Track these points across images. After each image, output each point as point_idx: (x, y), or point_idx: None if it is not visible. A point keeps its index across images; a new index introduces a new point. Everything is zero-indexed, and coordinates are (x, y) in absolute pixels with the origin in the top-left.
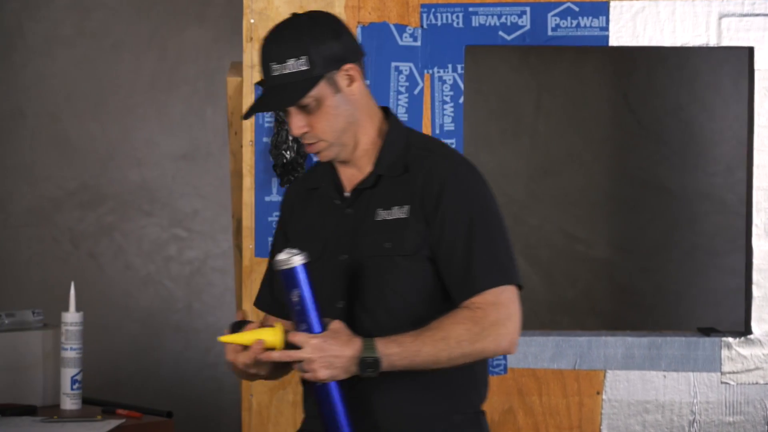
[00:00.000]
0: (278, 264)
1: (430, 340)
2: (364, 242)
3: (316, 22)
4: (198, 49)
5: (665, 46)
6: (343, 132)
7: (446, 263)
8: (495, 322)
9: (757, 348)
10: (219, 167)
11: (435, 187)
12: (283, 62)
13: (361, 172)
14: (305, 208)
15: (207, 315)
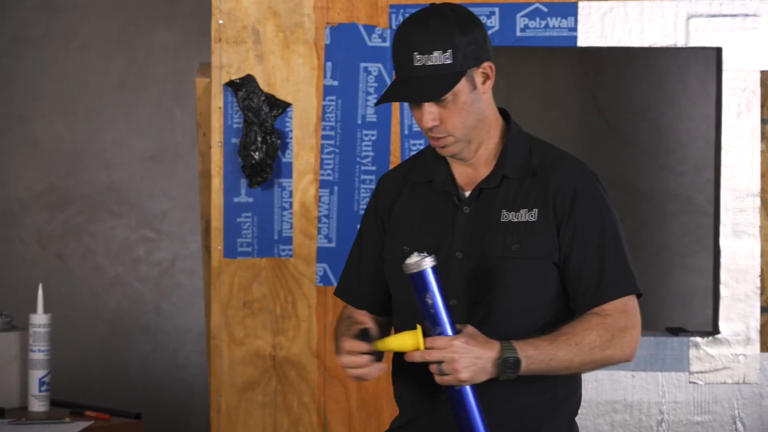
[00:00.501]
0: (409, 267)
1: (565, 344)
2: (488, 242)
3: (460, 15)
4: (166, 50)
5: (633, 47)
6: (472, 129)
7: (576, 270)
8: (623, 330)
9: (725, 348)
10: (187, 168)
11: (568, 194)
12: (428, 53)
13: (477, 171)
14: (412, 200)
15: (176, 316)
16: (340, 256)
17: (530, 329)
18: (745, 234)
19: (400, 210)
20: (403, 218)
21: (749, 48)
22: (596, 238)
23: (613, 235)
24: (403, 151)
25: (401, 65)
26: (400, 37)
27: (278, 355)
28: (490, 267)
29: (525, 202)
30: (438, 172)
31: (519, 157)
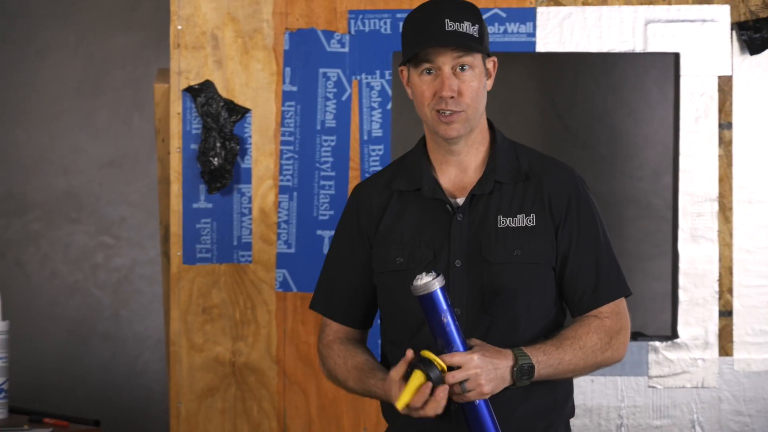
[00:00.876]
0: (418, 290)
1: (570, 348)
2: (487, 249)
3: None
4: (125, 55)
5: (592, 52)
6: (478, 111)
7: (574, 274)
8: (618, 332)
9: (684, 352)
10: (146, 174)
11: (563, 199)
12: (460, 21)
13: (467, 176)
14: (401, 210)
15: (135, 323)
16: (300, 261)
17: (536, 334)
18: (703, 238)
19: (389, 221)
20: (393, 229)
21: (707, 53)
22: (592, 242)
23: (605, 239)
24: (362, 157)
25: (429, 33)
26: (424, 11)
27: (238, 361)
28: (493, 273)
29: (521, 207)
30: (425, 179)
31: (508, 162)
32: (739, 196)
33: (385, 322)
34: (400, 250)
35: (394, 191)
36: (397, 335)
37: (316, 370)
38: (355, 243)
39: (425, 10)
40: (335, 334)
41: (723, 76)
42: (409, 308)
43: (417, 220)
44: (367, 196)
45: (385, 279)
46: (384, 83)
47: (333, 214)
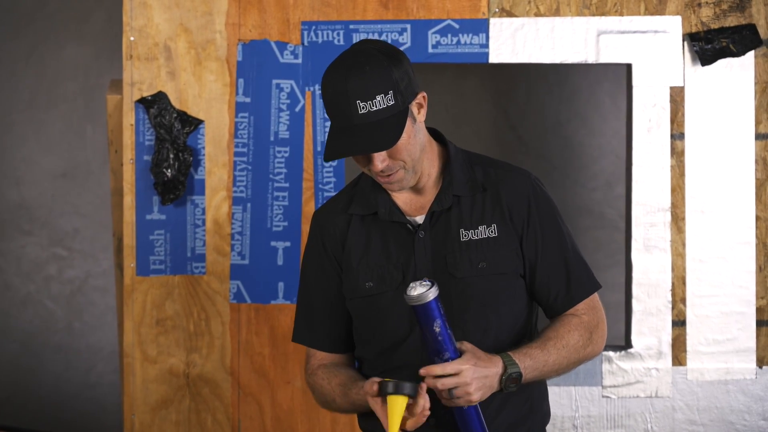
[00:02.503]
0: (413, 300)
1: (554, 349)
2: (452, 263)
3: (386, 50)
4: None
5: (545, 63)
6: (417, 160)
7: (545, 279)
8: (596, 326)
9: (638, 362)
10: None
11: (522, 205)
12: (370, 99)
13: (424, 196)
14: (361, 234)
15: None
16: (254, 273)
17: (507, 343)
18: (656, 248)
19: (353, 246)
20: (357, 254)
21: (659, 64)
22: (557, 244)
23: (569, 238)
24: (315, 168)
25: (343, 115)
26: (335, 86)
27: (192, 372)
28: (460, 287)
29: (482, 218)
30: (380, 202)
31: (463, 174)
32: (691, 206)
33: (359, 344)
34: (369, 275)
35: (354, 216)
36: (371, 355)
37: (271, 381)
38: (325, 269)
39: (333, 86)
40: (319, 362)
41: (675, 86)
42: (385, 331)
43: (380, 242)
44: (328, 221)
45: (357, 304)
46: None
47: (287, 225)
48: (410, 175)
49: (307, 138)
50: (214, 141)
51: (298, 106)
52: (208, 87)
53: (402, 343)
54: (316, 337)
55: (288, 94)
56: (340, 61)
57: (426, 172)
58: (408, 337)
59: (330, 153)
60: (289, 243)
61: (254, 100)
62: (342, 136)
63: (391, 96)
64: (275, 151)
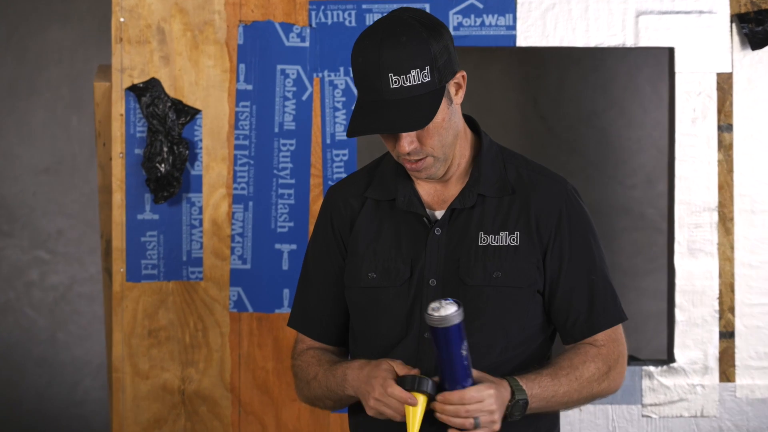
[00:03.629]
0: (436, 321)
1: (566, 380)
2: (465, 268)
3: (426, 21)
4: (62, 51)
5: (578, 47)
6: (450, 147)
7: (565, 300)
8: (616, 361)
9: (681, 377)
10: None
11: (553, 216)
12: (405, 73)
13: (447, 188)
14: (374, 221)
15: (73, 346)
16: (256, 279)
17: (513, 366)
18: (701, 252)
19: (361, 231)
20: (365, 241)
21: (704, 48)
22: (584, 264)
23: (600, 260)
24: (325, 162)
25: (372, 88)
26: (367, 56)
27: (188, 389)
28: (469, 296)
29: (505, 224)
30: (401, 189)
31: (494, 172)
32: (740, 205)
33: (352, 339)
34: (373, 265)
35: (369, 199)
36: (364, 356)
37: (275, 399)
38: (329, 249)
39: (364, 56)
40: (309, 345)
41: (722, 73)
42: (380, 330)
43: (392, 232)
44: (340, 199)
45: (355, 295)
46: (348, 81)
47: (293, 226)
48: (440, 163)
49: (316, 129)
50: (212, 133)
51: (305, 94)
52: (205, 73)
53: (395, 347)
54: (308, 322)
55: (294, 81)
56: (374, 28)
57: (456, 162)
58: (401, 341)
59: (354, 128)
60: (296, 246)
61: (257, 87)
62: (369, 111)
63: (428, 72)
64: (280, 144)
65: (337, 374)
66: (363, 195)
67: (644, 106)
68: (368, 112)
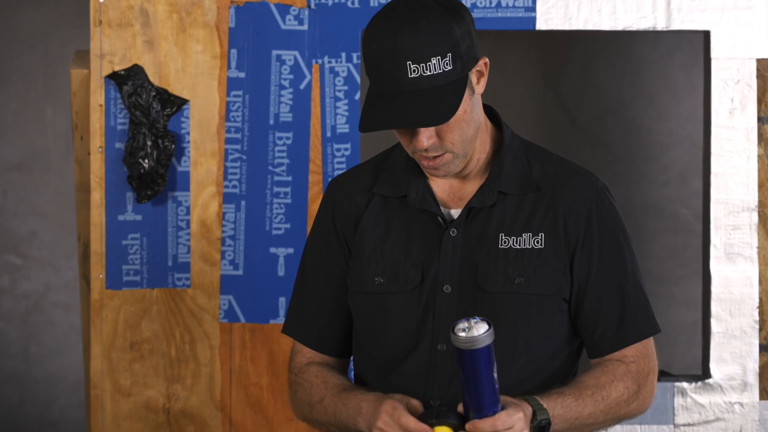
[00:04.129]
0: (466, 342)
1: (591, 400)
2: (484, 274)
3: (448, 5)
4: (35, 35)
5: (604, 30)
6: (470, 141)
7: (593, 309)
8: (646, 378)
9: (717, 395)
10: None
11: (581, 216)
12: (425, 61)
13: (465, 185)
14: (382, 219)
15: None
16: (249, 286)
17: (534, 381)
18: (740, 257)
19: (367, 230)
20: (371, 241)
21: (743, 32)
22: (616, 270)
23: (633, 266)
24: (325, 158)
25: (389, 78)
26: (382, 42)
27: (173, 407)
28: (487, 304)
29: (528, 224)
30: (413, 185)
31: (516, 167)
32: None
33: (356, 350)
34: (381, 268)
35: (376, 195)
36: (368, 369)
37: (270, 418)
38: (331, 250)
39: (379, 42)
40: (309, 360)
41: (763, 59)
42: (387, 341)
43: (402, 233)
44: (344, 194)
45: (360, 301)
46: (351, 68)
47: (289, 228)
48: (459, 159)
49: (315, 121)
50: (200, 125)
51: (303, 82)
52: (193, 59)
53: (403, 359)
54: (306, 331)
55: (291, 68)
56: (389, 11)
57: (476, 157)
58: (411, 353)
59: (368, 123)
60: (293, 249)
61: (250, 75)
62: (384, 103)
63: (449, 60)
64: (275, 138)
65: (350, 405)
66: (370, 191)
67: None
68: (384, 104)
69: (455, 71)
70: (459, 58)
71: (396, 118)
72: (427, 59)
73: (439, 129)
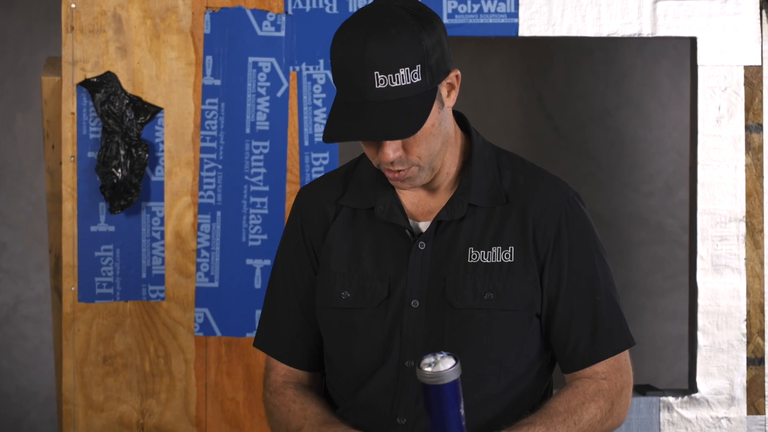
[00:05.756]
0: (431, 378)
1: (563, 426)
2: (452, 289)
3: (418, 12)
4: (4, 40)
5: (588, 37)
6: (437, 154)
7: (564, 323)
8: (619, 393)
9: (704, 409)
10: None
11: (551, 227)
12: (393, 71)
13: (434, 196)
14: (348, 231)
15: (18, 376)
16: (225, 298)
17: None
18: (727, 268)
19: (334, 243)
20: (338, 255)
21: (730, 38)
22: (587, 282)
23: (605, 278)
24: (302, 167)
25: (354, 88)
26: (349, 50)
27: (147, 423)
28: (456, 321)
29: (498, 237)
30: (380, 197)
31: (486, 178)
32: None
33: (327, 363)
34: (347, 283)
35: (344, 207)
36: (337, 383)
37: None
38: (300, 261)
39: (347, 50)
40: (284, 378)
41: (751, 66)
42: (354, 357)
43: (370, 246)
44: (312, 204)
45: (327, 316)
46: (329, 75)
47: (266, 239)
48: (425, 172)
49: (292, 130)
50: (175, 134)
51: (280, 90)
52: (168, 66)
53: (371, 375)
54: (278, 345)
55: (268, 75)
56: (358, 19)
57: (445, 170)
58: (377, 371)
59: (332, 133)
60: (269, 261)
61: (226, 82)
62: (350, 113)
63: (419, 71)
64: (252, 147)
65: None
66: (337, 203)
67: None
68: (349, 114)
69: (424, 83)
70: (429, 70)
71: (361, 129)
72: (396, 70)
73: (406, 142)
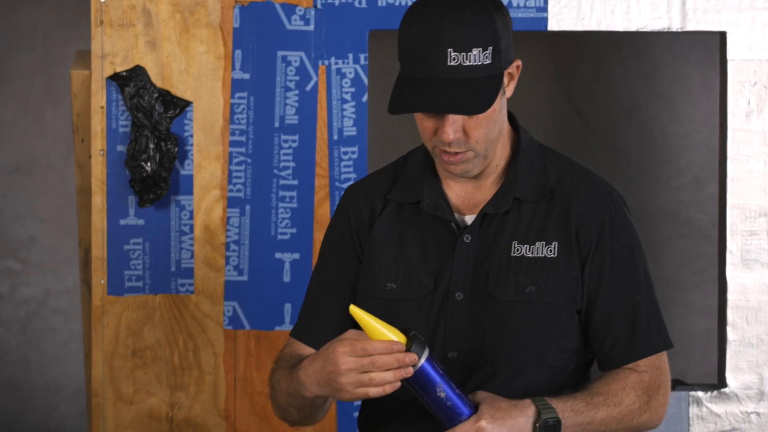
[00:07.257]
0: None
1: (603, 406)
2: (495, 281)
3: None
4: (35, 34)
5: (618, 31)
6: (493, 142)
7: (603, 320)
8: (657, 390)
9: (734, 404)
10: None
11: (594, 226)
12: (467, 50)
13: (480, 190)
14: (395, 225)
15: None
16: (254, 292)
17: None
18: (757, 263)
19: (380, 236)
20: (384, 247)
21: (760, 33)
22: (627, 281)
23: (645, 278)
24: (331, 161)
25: (426, 63)
26: (423, 27)
27: (177, 416)
28: (498, 313)
29: (542, 233)
30: (427, 191)
31: (532, 174)
32: None
33: None
34: (393, 274)
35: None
36: None
37: (275, 428)
38: (346, 251)
39: (421, 27)
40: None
41: None
42: None
43: (416, 239)
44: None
45: (371, 307)
46: (358, 69)
47: (295, 233)
48: (479, 159)
49: (321, 124)
50: (204, 127)
51: (309, 84)
52: (197, 60)
53: None
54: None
55: (297, 69)
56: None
57: (495, 162)
58: None
59: (400, 104)
60: (298, 255)
61: (255, 76)
62: (419, 88)
63: (490, 53)
64: (281, 141)
65: (294, 373)
66: (385, 197)
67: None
68: (417, 89)
69: (493, 66)
70: (499, 53)
71: (430, 102)
72: (469, 49)
73: (467, 124)
